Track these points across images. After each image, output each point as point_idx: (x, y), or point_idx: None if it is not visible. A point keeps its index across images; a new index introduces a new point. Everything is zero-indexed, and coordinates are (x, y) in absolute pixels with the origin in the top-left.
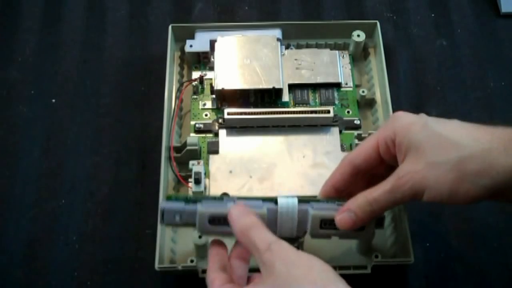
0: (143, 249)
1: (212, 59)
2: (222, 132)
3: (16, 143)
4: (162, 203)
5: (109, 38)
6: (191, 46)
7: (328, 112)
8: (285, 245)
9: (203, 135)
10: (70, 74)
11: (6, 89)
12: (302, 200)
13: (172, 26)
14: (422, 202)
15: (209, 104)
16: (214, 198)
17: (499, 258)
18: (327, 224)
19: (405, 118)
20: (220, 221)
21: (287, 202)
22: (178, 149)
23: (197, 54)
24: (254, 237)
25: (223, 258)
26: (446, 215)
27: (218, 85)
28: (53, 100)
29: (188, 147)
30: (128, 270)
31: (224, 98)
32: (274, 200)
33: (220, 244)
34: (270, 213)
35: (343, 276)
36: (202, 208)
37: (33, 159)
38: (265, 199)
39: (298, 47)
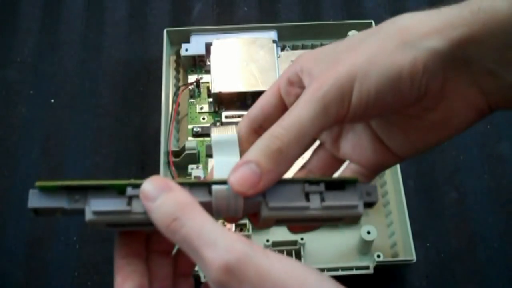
0: None
1: (208, 62)
2: None
3: (16, 143)
4: (32, 200)
5: (108, 39)
6: (186, 50)
7: None
8: (255, 259)
9: (201, 138)
10: (69, 74)
11: (5, 89)
12: None
13: (167, 31)
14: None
15: (206, 108)
16: (109, 186)
17: (499, 258)
18: (289, 221)
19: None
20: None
21: (226, 192)
22: (176, 154)
23: (193, 58)
24: (195, 244)
25: (135, 261)
26: (446, 215)
27: (215, 89)
28: (52, 100)
29: (187, 152)
30: None
31: (221, 101)
32: (207, 187)
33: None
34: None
35: (346, 277)
36: (92, 216)
37: (33, 159)
38: (193, 185)
39: (294, 48)
